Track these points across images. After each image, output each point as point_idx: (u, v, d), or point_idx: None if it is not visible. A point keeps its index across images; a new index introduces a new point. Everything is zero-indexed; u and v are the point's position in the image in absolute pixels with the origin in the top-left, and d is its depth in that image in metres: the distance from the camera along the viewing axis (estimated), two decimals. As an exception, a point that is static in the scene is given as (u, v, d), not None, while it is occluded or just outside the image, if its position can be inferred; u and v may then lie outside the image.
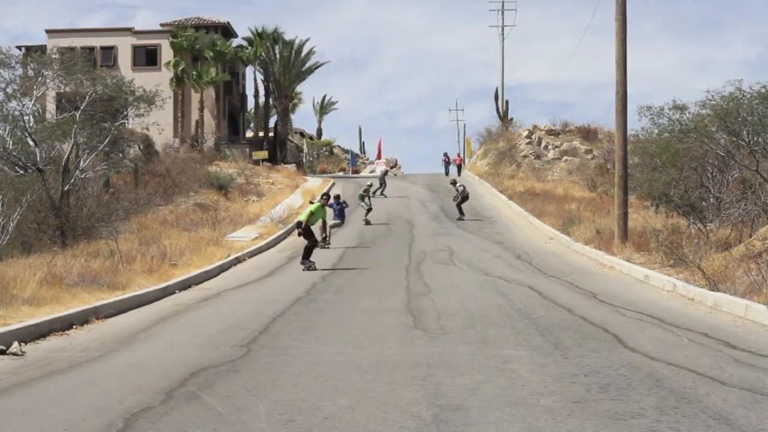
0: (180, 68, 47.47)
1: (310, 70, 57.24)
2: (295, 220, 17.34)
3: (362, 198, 30.47)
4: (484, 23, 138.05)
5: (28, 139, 22.68)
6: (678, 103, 20.65)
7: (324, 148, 74.90)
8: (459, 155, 57.63)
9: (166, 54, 48.39)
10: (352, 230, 27.32)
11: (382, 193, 38.69)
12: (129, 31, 49.59)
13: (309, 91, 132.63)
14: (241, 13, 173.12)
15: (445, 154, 53.61)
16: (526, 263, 19.29)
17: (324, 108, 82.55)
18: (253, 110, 60.59)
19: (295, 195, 38.40)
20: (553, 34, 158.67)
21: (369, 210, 29.88)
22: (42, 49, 37.90)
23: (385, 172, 43.63)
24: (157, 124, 30.09)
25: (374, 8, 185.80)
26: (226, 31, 51.80)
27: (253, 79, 74.16)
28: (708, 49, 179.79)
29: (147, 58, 48.66)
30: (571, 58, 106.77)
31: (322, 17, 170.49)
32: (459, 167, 52.03)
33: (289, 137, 64.05)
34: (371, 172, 64.66)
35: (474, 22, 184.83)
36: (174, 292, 14.72)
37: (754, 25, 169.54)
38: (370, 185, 32.71)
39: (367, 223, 29.20)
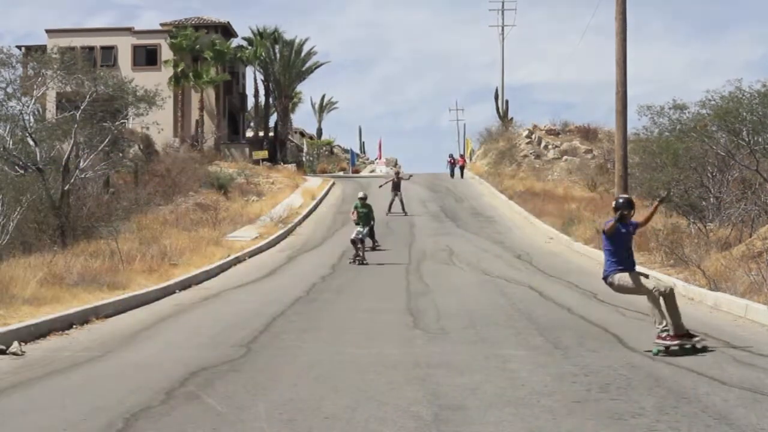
0: (180, 68, 47.43)
1: (310, 70, 57.27)
2: None
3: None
4: (488, 24, 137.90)
5: (28, 139, 22.67)
6: (678, 103, 20.68)
7: (324, 148, 74.95)
8: (462, 156, 57.62)
9: (166, 54, 48.35)
10: (351, 230, 27.30)
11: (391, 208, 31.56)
12: (129, 30, 49.55)
13: (312, 91, 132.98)
14: (246, 14, 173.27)
15: (450, 155, 53.67)
16: (526, 263, 19.28)
17: (323, 108, 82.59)
18: (253, 110, 60.58)
19: (295, 195, 38.38)
20: (558, 34, 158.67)
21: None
22: (42, 48, 37.84)
23: (397, 175, 33.71)
24: (157, 124, 30.05)
25: (379, 9, 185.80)
26: (226, 30, 51.79)
27: (253, 79, 74.18)
28: (711, 49, 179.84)
29: (147, 57, 48.62)
30: (570, 59, 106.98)
31: (325, 18, 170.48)
32: (462, 168, 51.95)
33: (289, 137, 64.06)
34: (371, 171, 64.64)
35: (478, 22, 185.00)
36: (174, 292, 14.71)
37: (756, 26, 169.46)
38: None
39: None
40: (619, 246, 9.05)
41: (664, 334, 8.48)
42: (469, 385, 7.08)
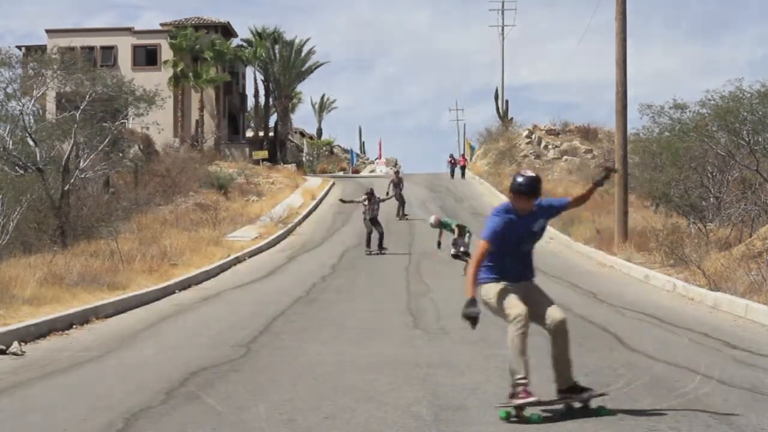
0: (180, 68, 47.44)
1: (310, 70, 57.29)
2: None
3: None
4: (488, 24, 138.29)
5: (28, 139, 22.69)
6: (678, 102, 20.70)
7: (324, 148, 74.97)
8: (463, 156, 57.53)
9: (167, 54, 48.36)
10: (351, 230, 27.31)
11: (404, 214, 30.68)
12: (129, 30, 49.56)
13: (312, 91, 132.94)
14: (246, 14, 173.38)
15: (451, 156, 53.61)
16: (526, 263, 19.23)
17: (323, 107, 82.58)
18: (253, 110, 60.59)
19: (295, 195, 38.38)
20: (558, 34, 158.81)
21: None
22: (42, 48, 37.90)
23: (396, 182, 31.31)
24: (157, 124, 30.09)
25: (379, 9, 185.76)
26: (226, 30, 51.79)
27: (253, 79, 74.22)
28: (713, 50, 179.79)
29: (147, 57, 48.63)
30: (571, 59, 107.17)
31: (326, 18, 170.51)
32: (463, 168, 51.86)
33: (289, 137, 64.06)
34: (371, 171, 64.64)
35: (479, 23, 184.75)
36: (174, 292, 14.71)
37: (758, 26, 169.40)
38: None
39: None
40: (504, 246, 6.10)
41: (518, 389, 5.87)
42: (469, 385, 7.08)
